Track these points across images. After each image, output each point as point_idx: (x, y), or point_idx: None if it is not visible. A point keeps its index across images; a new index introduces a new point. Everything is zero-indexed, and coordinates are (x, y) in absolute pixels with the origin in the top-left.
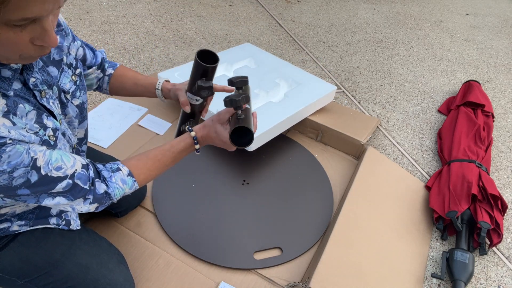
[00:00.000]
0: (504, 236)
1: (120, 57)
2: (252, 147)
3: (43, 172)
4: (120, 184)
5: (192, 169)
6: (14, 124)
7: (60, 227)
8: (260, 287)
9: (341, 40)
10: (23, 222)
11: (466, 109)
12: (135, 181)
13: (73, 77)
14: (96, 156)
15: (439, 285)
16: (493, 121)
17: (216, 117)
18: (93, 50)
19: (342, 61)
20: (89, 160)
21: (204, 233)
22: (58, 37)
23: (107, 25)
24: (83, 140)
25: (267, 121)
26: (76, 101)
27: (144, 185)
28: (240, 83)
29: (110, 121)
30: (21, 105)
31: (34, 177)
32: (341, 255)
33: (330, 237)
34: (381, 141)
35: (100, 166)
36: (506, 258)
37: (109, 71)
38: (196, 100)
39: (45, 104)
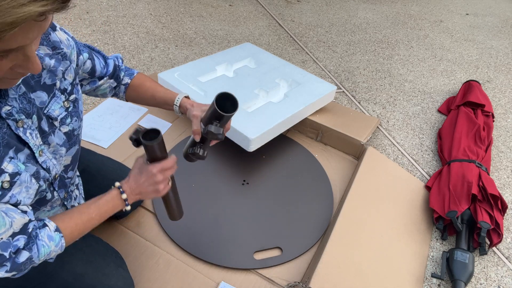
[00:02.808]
0: (504, 236)
1: None
2: (252, 147)
3: None
4: (47, 241)
5: (192, 169)
6: None
7: None
8: (260, 287)
9: (341, 40)
10: None
11: (466, 109)
12: (62, 236)
13: (65, 103)
14: (96, 159)
15: (439, 285)
16: (493, 121)
17: (135, 164)
18: (105, 58)
19: (342, 61)
20: (32, 223)
21: (204, 233)
22: (53, 61)
23: (107, 25)
24: (69, 166)
25: (267, 121)
26: (65, 128)
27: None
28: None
29: (110, 121)
30: None
31: None
32: (341, 255)
33: (330, 237)
34: (381, 141)
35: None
36: (506, 258)
37: (126, 80)
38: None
39: (21, 134)
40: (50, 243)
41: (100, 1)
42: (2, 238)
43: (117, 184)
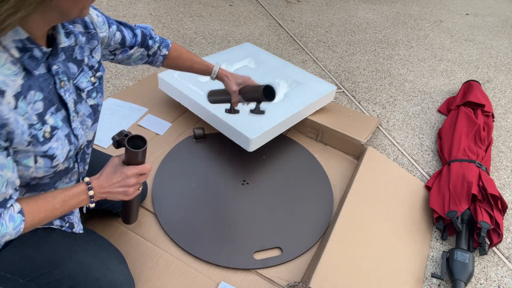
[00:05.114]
0: (504, 236)
1: None
2: (252, 147)
3: None
4: (7, 220)
5: (192, 169)
6: (16, 107)
7: (63, 229)
8: (260, 287)
9: (341, 40)
10: None
11: (466, 109)
12: (23, 220)
13: (92, 78)
14: (97, 157)
15: (439, 285)
16: (493, 121)
17: (110, 163)
18: (132, 30)
19: (342, 61)
20: (12, 201)
21: (204, 233)
22: (84, 38)
23: None
24: (90, 142)
25: (267, 121)
26: (91, 101)
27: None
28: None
29: (110, 121)
30: (32, 92)
31: None
32: (341, 255)
33: (330, 237)
34: (381, 141)
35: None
36: (506, 258)
37: (164, 51)
38: (243, 104)
39: (62, 94)
40: (10, 223)
41: (100, 1)
42: None
43: (86, 179)
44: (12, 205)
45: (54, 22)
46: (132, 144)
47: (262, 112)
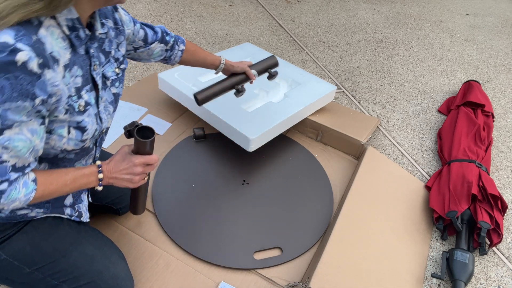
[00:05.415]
0: (504, 236)
1: None
2: (252, 147)
3: None
4: (21, 185)
5: (192, 169)
6: (64, 77)
7: (73, 218)
8: (260, 287)
9: (341, 40)
10: (41, 210)
11: (466, 109)
12: (35, 189)
13: (116, 69)
14: (100, 155)
15: (439, 285)
16: (493, 121)
17: (120, 150)
18: (152, 28)
19: (342, 61)
20: (29, 168)
21: (204, 233)
22: (113, 33)
23: None
24: (107, 129)
25: (267, 121)
26: (114, 90)
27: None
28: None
29: None
30: (75, 67)
31: None
32: (341, 255)
33: (330, 237)
34: (381, 141)
35: None
36: (506, 258)
37: (182, 46)
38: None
39: (94, 76)
40: (22, 189)
41: None
42: (4, 162)
43: (98, 162)
44: (28, 172)
45: (98, 5)
46: (141, 135)
47: (276, 73)
